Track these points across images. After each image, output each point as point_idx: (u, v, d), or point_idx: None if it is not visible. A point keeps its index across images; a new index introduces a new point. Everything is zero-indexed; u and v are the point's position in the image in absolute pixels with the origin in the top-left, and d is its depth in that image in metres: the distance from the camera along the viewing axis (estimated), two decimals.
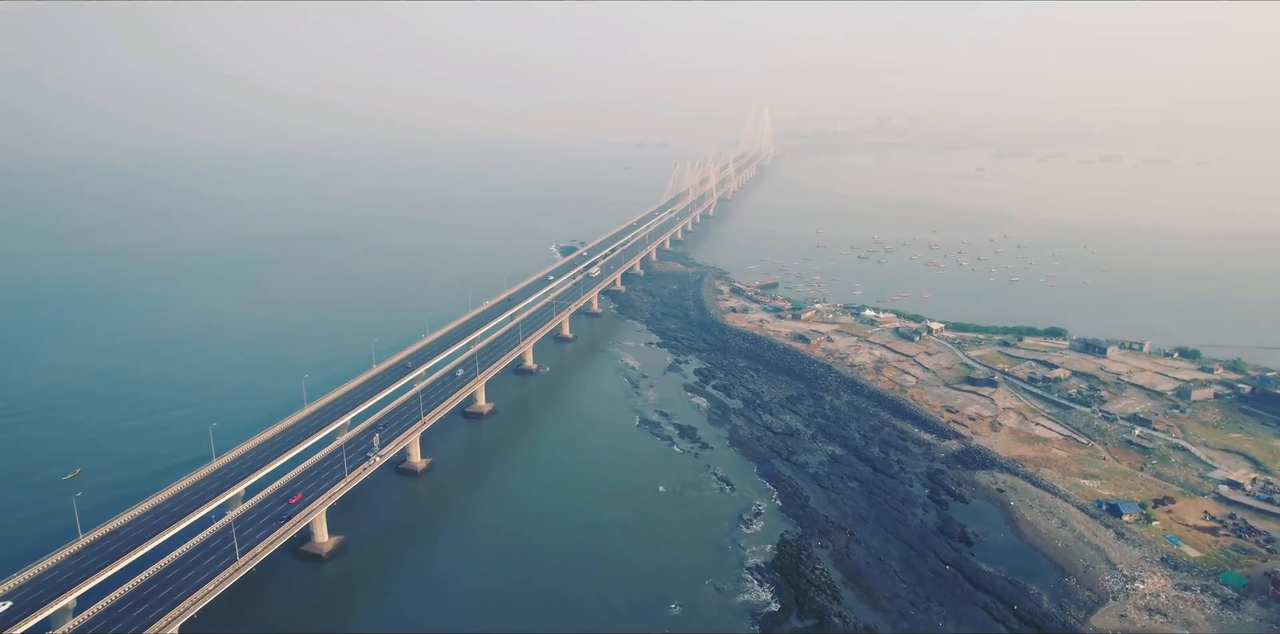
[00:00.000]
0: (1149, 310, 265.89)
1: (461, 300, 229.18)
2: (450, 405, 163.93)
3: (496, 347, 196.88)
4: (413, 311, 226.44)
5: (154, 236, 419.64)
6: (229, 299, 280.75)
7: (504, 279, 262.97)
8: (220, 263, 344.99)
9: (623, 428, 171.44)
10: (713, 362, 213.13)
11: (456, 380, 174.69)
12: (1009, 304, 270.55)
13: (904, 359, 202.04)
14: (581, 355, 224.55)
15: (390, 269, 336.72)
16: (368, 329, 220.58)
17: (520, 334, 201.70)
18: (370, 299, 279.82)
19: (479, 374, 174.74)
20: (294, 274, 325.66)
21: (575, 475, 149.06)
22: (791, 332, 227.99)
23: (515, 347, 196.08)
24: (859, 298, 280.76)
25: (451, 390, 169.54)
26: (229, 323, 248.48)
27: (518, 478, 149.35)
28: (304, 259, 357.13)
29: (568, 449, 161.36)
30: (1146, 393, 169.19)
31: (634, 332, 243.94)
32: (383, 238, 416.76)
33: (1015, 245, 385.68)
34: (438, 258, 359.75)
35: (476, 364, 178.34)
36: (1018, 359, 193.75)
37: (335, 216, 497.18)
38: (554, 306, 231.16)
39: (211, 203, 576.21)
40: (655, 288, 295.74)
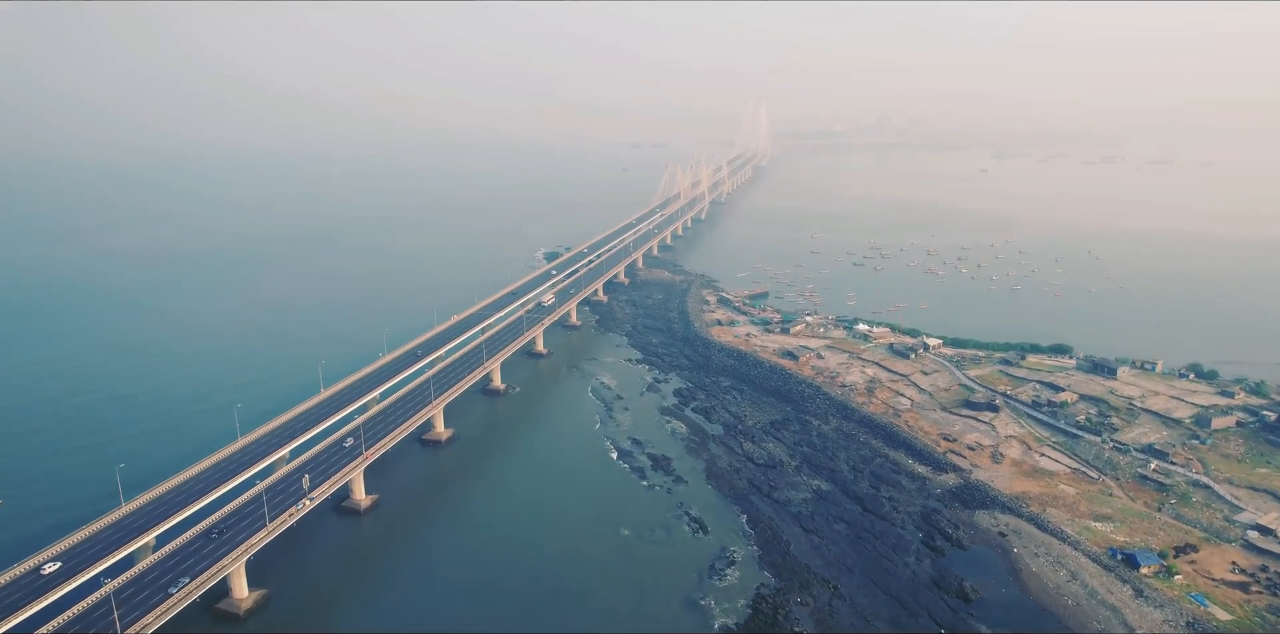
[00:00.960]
0: (1158, 322, 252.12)
1: (427, 314, 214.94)
2: (403, 434, 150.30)
3: (459, 366, 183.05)
4: (372, 327, 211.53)
5: (147, 237, 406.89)
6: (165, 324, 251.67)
7: (478, 290, 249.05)
8: (170, 276, 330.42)
9: (592, 458, 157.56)
10: (694, 381, 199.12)
11: (411, 405, 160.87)
12: (1010, 316, 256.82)
13: (898, 379, 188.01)
14: (555, 373, 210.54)
15: (358, 278, 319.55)
16: (319, 348, 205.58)
17: (484, 353, 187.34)
18: (328, 313, 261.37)
19: (433, 400, 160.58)
20: (247, 287, 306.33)
21: (534, 516, 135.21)
22: (779, 347, 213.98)
23: (479, 367, 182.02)
24: (853, 308, 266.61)
25: (405, 416, 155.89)
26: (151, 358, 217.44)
27: (468, 519, 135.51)
28: (263, 268, 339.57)
29: (529, 484, 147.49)
30: (1161, 420, 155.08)
31: (613, 347, 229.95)
32: (361, 242, 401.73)
33: (1017, 250, 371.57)
34: (412, 265, 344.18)
35: (431, 388, 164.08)
36: (1020, 380, 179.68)
37: (316, 219, 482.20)
38: (525, 321, 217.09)
39: (202, 203, 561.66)
40: (639, 298, 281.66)
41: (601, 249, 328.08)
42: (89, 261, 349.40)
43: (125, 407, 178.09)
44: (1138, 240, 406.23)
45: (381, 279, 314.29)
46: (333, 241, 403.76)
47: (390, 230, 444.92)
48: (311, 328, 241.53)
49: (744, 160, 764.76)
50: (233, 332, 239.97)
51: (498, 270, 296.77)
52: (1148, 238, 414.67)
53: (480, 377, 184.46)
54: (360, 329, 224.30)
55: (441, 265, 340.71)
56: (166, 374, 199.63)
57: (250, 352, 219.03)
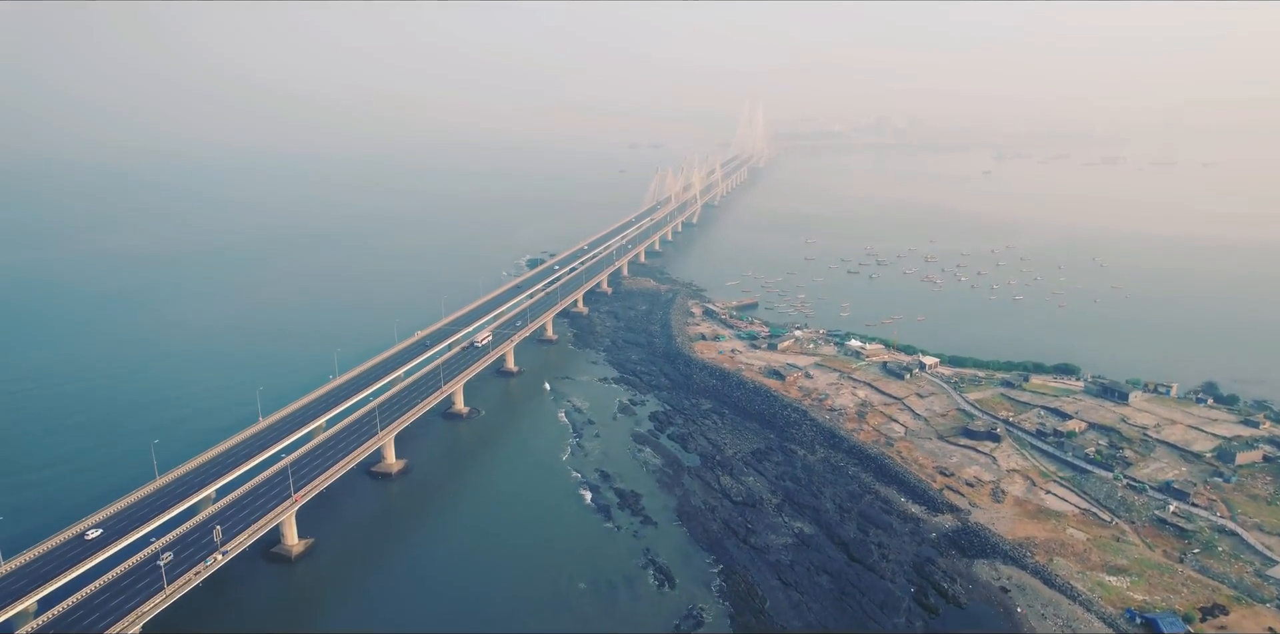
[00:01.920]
0: (1168, 334, 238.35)
1: (389, 331, 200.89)
2: (345, 468, 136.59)
3: (416, 389, 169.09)
4: (325, 345, 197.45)
5: (139, 239, 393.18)
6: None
7: (451, 302, 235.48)
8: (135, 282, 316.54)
9: (554, 494, 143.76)
10: (673, 403, 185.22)
11: (359, 434, 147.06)
12: (1012, 329, 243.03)
13: (891, 402, 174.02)
14: (524, 394, 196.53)
15: (324, 289, 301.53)
16: (261, 370, 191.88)
17: (441, 375, 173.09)
18: (279, 329, 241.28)
19: (380, 430, 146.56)
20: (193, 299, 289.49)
21: (483, 565, 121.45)
22: (765, 365, 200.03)
23: (436, 391, 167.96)
24: (846, 320, 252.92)
25: (350, 447, 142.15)
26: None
27: (411, 568, 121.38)
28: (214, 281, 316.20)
29: (482, 526, 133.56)
30: (1180, 454, 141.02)
31: (589, 364, 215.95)
32: (339, 248, 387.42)
33: (1018, 257, 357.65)
34: (388, 273, 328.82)
35: (376, 418, 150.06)
36: (1024, 405, 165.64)
37: (301, 221, 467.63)
38: (494, 337, 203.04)
39: (188, 204, 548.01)
40: (622, 309, 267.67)
41: (585, 256, 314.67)
42: (79, 263, 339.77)
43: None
44: (1142, 245, 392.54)
45: (350, 289, 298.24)
46: (310, 247, 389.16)
47: (375, 234, 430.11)
48: (256, 345, 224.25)
49: (739, 162, 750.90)
50: (163, 352, 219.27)
51: (478, 279, 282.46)
52: (1153, 242, 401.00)
53: (440, 399, 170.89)
54: (313, 348, 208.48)
55: (419, 273, 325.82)
56: (99, 396, 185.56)
57: (183, 376, 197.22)
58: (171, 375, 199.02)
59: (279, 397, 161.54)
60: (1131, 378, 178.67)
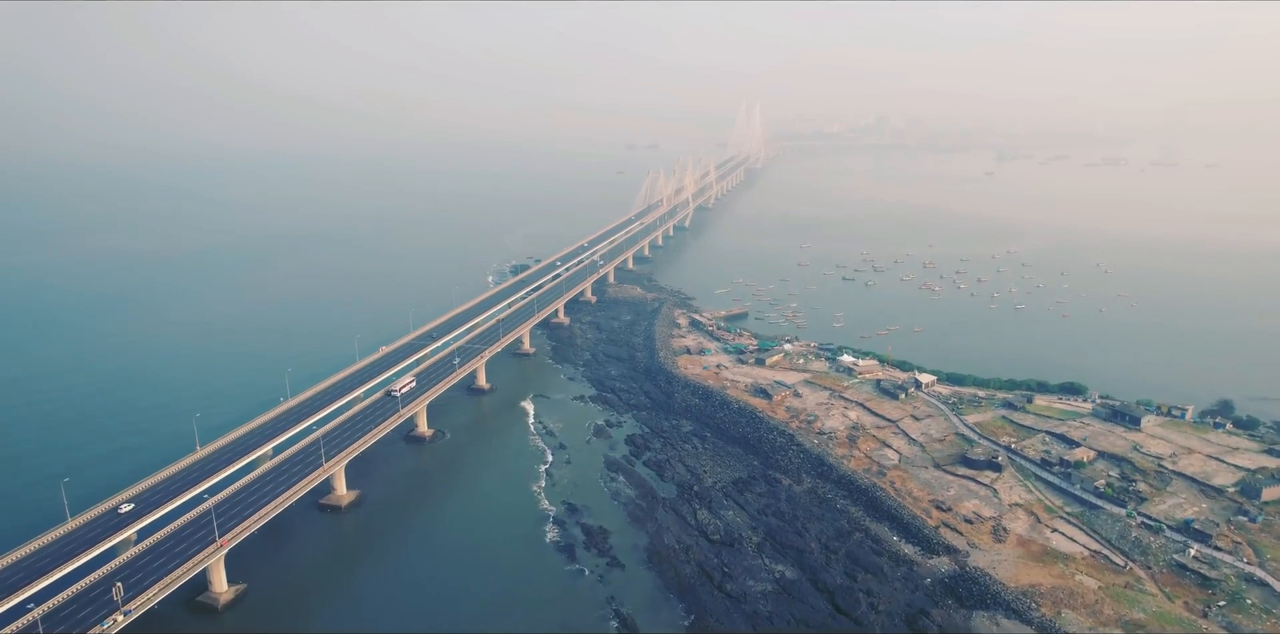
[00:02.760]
0: (1178, 348, 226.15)
1: (351, 347, 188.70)
2: (285, 503, 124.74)
3: (372, 413, 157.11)
4: (279, 364, 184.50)
5: (112, 243, 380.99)
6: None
7: (423, 312, 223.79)
8: None
9: (515, 531, 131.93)
10: (651, 424, 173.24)
11: (308, 463, 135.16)
12: (1014, 341, 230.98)
13: (885, 425, 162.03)
14: (495, 414, 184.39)
15: (288, 298, 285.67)
16: (205, 392, 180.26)
17: (399, 401, 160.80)
18: (230, 345, 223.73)
19: (324, 461, 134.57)
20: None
21: (432, 613, 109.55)
22: (752, 383, 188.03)
23: (395, 414, 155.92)
24: (839, 331, 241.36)
25: (292, 481, 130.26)
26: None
27: (354, 616, 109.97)
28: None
29: (435, 568, 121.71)
30: (1199, 488, 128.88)
31: (566, 380, 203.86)
32: (312, 253, 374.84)
33: (1019, 263, 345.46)
34: (357, 280, 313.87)
35: (321, 446, 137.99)
36: (1027, 430, 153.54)
37: (287, 224, 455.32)
38: (458, 354, 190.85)
39: (178, 205, 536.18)
40: (605, 319, 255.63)
41: (571, 262, 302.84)
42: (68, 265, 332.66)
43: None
44: (1148, 249, 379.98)
45: (317, 299, 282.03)
46: (286, 252, 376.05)
47: (358, 237, 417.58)
48: (202, 364, 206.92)
49: (735, 163, 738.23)
50: (96, 373, 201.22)
51: (457, 287, 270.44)
52: (1158, 246, 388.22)
53: (402, 421, 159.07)
54: (265, 366, 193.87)
55: (396, 280, 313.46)
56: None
57: (117, 402, 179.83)
58: (103, 399, 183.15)
59: (222, 422, 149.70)
60: (1142, 398, 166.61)
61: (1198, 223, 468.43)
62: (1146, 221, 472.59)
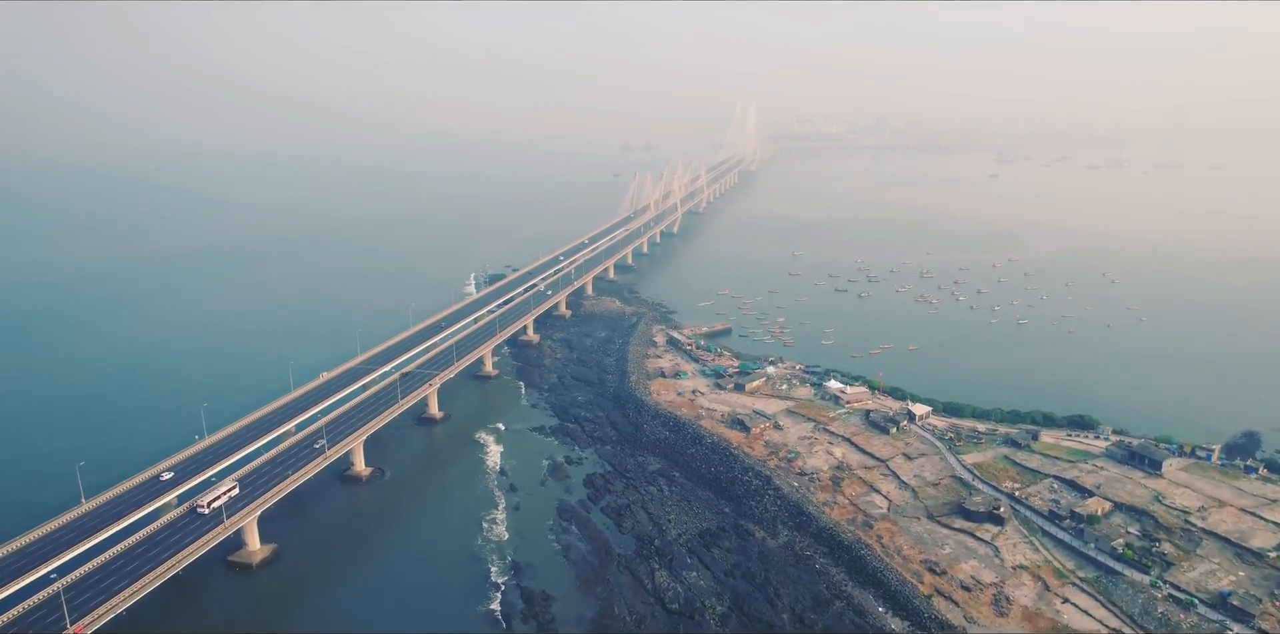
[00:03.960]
0: (1193, 370, 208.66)
1: (284, 372, 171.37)
2: (177, 566, 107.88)
3: (298, 452, 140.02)
4: (202, 395, 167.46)
5: (109, 245, 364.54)
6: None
7: (378, 329, 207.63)
8: None
9: (443, 598, 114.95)
10: (615, 461, 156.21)
11: (206, 518, 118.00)
12: (1016, 362, 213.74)
13: (873, 465, 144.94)
14: (444, 449, 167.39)
15: (236, 312, 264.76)
16: (104, 432, 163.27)
17: (324, 436, 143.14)
18: (144, 377, 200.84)
19: (225, 520, 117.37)
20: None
21: None
22: (729, 412, 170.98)
23: (319, 455, 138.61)
24: (828, 349, 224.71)
25: (191, 537, 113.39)
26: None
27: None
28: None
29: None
30: (1234, 552, 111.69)
31: (527, 407, 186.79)
32: (281, 261, 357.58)
33: (1021, 271, 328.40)
34: (319, 291, 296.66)
35: (223, 497, 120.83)
36: (1033, 474, 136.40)
37: (273, 227, 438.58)
38: (408, 379, 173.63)
39: (161, 206, 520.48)
40: (578, 336, 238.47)
41: (549, 272, 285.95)
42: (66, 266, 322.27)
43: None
44: (1157, 257, 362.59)
45: (264, 316, 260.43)
46: (256, 260, 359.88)
47: (338, 242, 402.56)
48: (102, 399, 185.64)
49: (730, 165, 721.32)
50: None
51: (423, 300, 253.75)
52: (1168, 254, 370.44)
53: (336, 458, 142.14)
54: (184, 398, 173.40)
55: (363, 289, 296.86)
56: None
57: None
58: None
59: (114, 466, 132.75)
60: (1160, 434, 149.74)
61: (1206, 227, 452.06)
62: (1152, 226, 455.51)
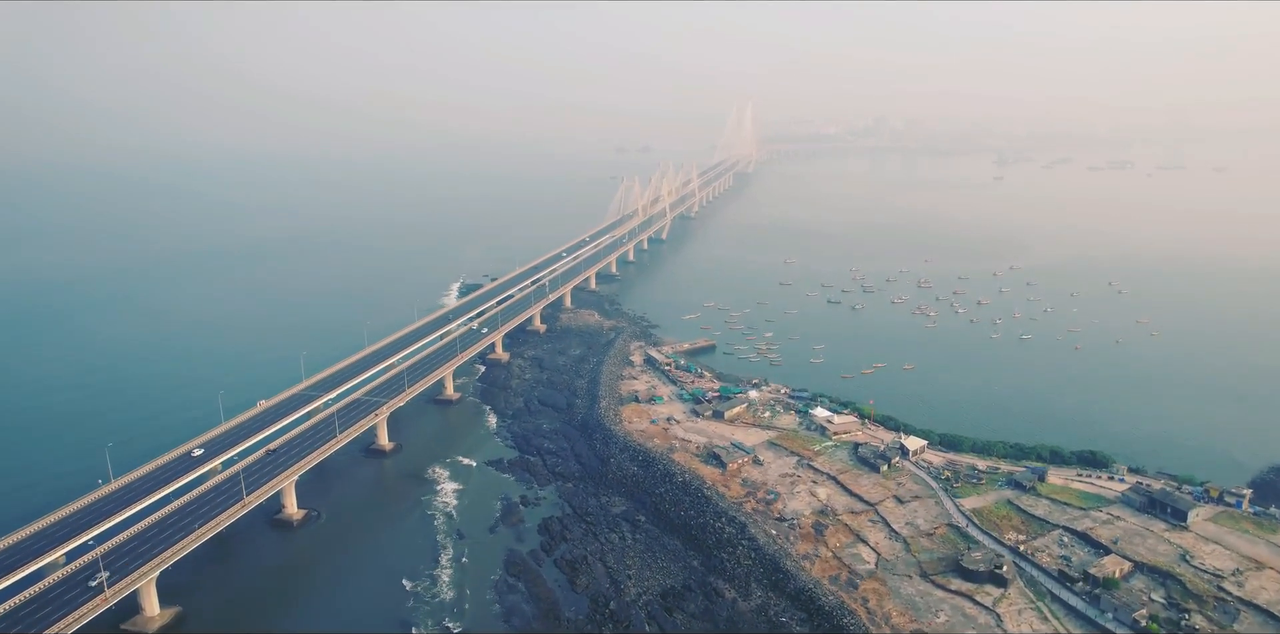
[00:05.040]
0: (1211, 392, 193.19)
1: (214, 403, 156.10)
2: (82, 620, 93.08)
3: (225, 491, 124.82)
4: (108, 431, 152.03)
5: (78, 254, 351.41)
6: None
7: (329, 350, 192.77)
8: None
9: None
10: (576, 502, 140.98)
11: (90, 589, 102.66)
12: (1019, 384, 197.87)
13: (862, 510, 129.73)
14: (390, 486, 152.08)
15: (178, 330, 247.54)
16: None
17: (242, 481, 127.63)
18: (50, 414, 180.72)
19: (112, 581, 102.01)
20: None
21: None
22: (705, 444, 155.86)
23: (244, 497, 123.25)
24: (818, 369, 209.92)
25: (72, 604, 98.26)
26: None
27: None
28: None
29: None
30: (1277, 626, 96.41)
31: (488, 436, 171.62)
32: (252, 269, 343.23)
33: (1024, 281, 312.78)
34: (282, 304, 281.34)
35: (125, 551, 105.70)
36: (1040, 523, 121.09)
37: (259, 231, 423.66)
38: (346, 410, 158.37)
39: (144, 206, 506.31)
40: (550, 353, 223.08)
41: (524, 282, 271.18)
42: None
43: None
44: (1165, 266, 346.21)
45: (210, 332, 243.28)
46: (221, 268, 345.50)
47: (314, 250, 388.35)
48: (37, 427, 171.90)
49: (724, 168, 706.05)
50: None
51: (390, 314, 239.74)
52: (1177, 262, 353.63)
53: (266, 498, 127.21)
54: (89, 433, 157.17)
55: (326, 303, 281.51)
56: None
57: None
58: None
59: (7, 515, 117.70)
60: (1180, 470, 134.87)
61: (1214, 230, 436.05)
62: (1159, 232, 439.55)
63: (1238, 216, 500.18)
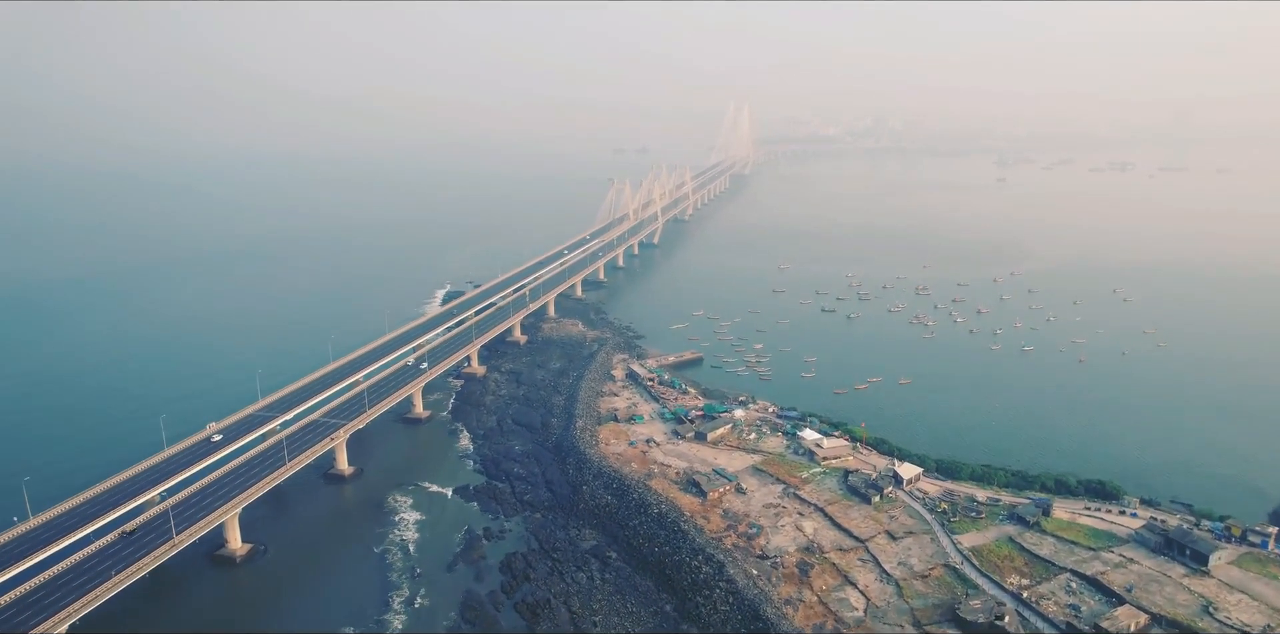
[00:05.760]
0: (1223, 410, 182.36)
1: (158, 424, 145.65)
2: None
3: (147, 533, 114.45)
4: (29, 461, 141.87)
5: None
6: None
7: (292, 365, 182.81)
8: None
9: None
10: (544, 535, 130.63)
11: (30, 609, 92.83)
12: (1021, 402, 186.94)
13: (851, 547, 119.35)
14: (346, 516, 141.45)
15: (163, 342, 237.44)
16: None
17: (171, 519, 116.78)
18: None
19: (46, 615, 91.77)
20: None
21: None
22: (685, 469, 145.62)
23: (167, 543, 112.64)
24: (809, 384, 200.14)
25: None
26: None
27: None
28: None
29: None
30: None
31: (456, 459, 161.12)
32: (243, 272, 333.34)
33: (1025, 288, 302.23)
34: (253, 315, 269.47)
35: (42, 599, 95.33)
36: (1045, 565, 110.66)
37: (248, 233, 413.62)
38: (302, 433, 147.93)
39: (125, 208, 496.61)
40: (529, 367, 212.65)
41: (508, 290, 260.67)
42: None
43: None
44: (1171, 273, 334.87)
45: (161, 349, 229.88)
46: (210, 271, 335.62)
47: (295, 254, 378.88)
48: None
49: (721, 169, 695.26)
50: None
51: (365, 324, 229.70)
52: (1183, 269, 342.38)
53: (207, 531, 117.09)
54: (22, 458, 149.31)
55: (304, 311, 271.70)
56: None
57: None
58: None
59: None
60: (1199, 505, 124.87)
61: (1222, 236, 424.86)
62: (1164, 235, 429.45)
63: (1244, 219, 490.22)
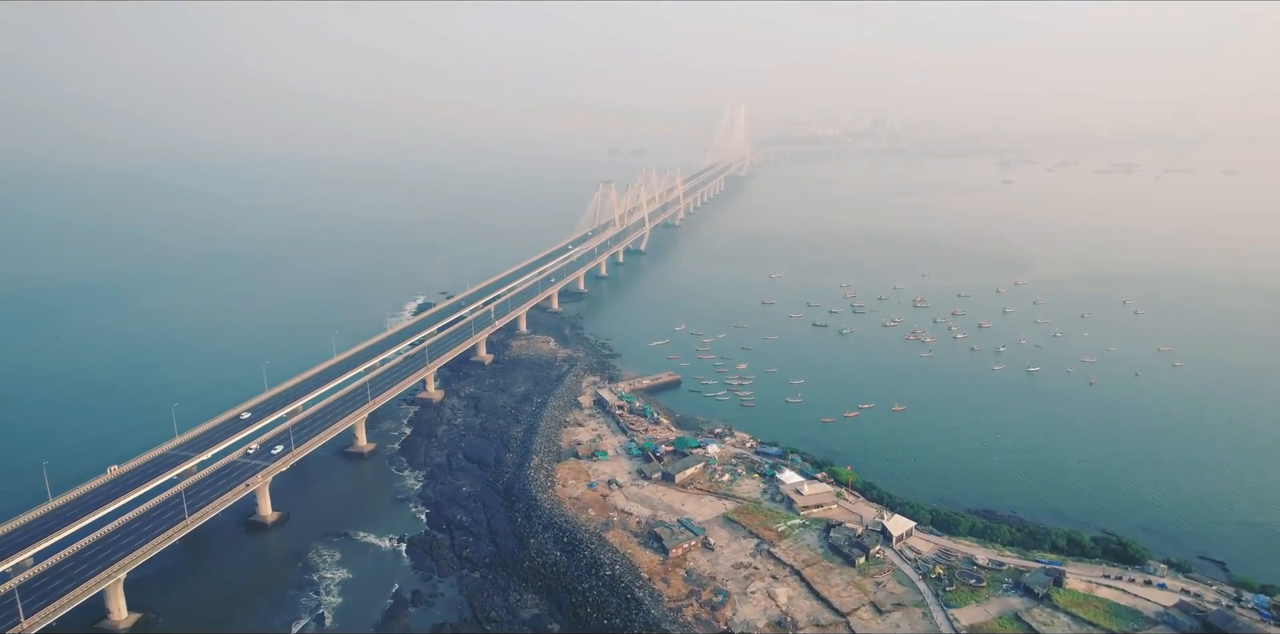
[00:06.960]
0: (1252, 445, 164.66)
1: (62, 465, 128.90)
2: None
3: (37, 589, 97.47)
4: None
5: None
6: None
7: (226, 394, 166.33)
8: None
9: None
10: (480, 601, 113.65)
11: None
12: (1027, 438, 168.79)
13: (829, 623, 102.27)
14: (258, 574, 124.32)
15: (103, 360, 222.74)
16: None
17: (17, 598, 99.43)
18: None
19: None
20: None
21: None
22: (648, 518, 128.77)
23: (55, 602, 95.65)
24: (795, 410, 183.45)
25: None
26: None
27: None
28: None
29: None
30: None
31: (394, 501, 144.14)
32: (198, 284, 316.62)
33: (1030, 299, 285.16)
34: (203, 332, 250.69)
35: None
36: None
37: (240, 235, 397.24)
38: (218, 476, 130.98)
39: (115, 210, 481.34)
40: (492, 391, 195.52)
41: (478, 303, 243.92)
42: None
43: None
44: (1184, 282, 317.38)
45: (98, 371, 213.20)
46: (189, 278, 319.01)
47: (271, 261, 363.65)
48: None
49: (716, 171, 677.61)
50: None
51: (317, 344, 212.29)
52: (1197, 278, 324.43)
53: (88, 597, 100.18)
54: None
55: (248, 331, 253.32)
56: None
57: None
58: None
59: None
60: (1236, 574, 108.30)
61: (1235, 241, 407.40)
62: (1174, 242, 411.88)
63: (1258, 221, 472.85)
